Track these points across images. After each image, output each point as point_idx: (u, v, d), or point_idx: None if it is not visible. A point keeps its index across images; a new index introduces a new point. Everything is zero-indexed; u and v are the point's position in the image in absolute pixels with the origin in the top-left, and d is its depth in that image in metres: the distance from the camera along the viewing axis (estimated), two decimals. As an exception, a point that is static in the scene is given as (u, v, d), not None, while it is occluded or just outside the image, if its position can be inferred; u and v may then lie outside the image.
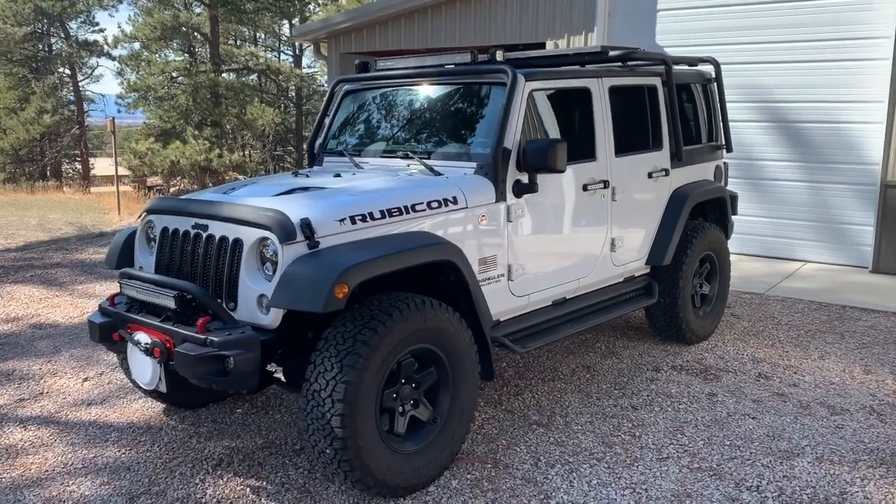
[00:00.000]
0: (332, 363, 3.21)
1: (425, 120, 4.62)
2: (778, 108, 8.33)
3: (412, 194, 3.79)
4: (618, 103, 4.87)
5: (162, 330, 3.48)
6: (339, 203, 3.60)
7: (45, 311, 6.81)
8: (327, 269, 3.19)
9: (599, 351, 5.52)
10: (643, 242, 5.22)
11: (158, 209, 3.95)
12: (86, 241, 10.57)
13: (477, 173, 4.09)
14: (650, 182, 5.17)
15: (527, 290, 4.34)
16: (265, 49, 39.67)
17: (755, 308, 6.68)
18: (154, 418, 4.44)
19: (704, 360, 5.34)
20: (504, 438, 4.12)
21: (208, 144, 29.91)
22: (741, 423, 4.32)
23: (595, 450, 3.99)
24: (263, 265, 3.44)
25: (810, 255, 8.35)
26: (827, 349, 5.58)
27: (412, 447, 3.50)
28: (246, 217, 3.46)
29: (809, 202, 8.31)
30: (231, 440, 4.13)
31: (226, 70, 33.50)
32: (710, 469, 3.79)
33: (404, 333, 3.34)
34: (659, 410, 4.50)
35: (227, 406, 4.57)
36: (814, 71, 8.07)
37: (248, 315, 3.43)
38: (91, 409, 4.62)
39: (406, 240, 3.58)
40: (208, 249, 3.63)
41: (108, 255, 4.20)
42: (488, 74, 4.30)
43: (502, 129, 4.06)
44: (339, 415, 3.16)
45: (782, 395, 4.72)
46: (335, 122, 5.04)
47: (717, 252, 5.77)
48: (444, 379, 3.63)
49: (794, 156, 8.35)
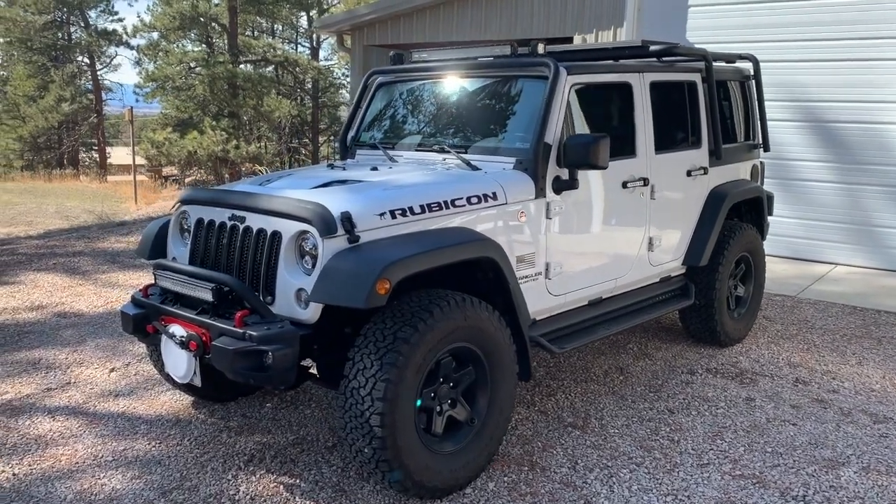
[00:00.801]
0: (372, 360, 3.13)
1: (462, 113, 4.52)
2: (810, 108, 8.17)
3: (451, 189, 3.70)
4: (658, 99, 4.76)
5: (198, 323, 3.41)
6: (379, 197, 3.52)
7: (69, 299, 6.78)
8: (369, 265, 3.11)
9: (632, 352, 5.42)
10: (680, 242, 5.12)
11: (193, 199, 3.89)
12: (107, 230, 10.55)
13: (516, 168, 4.00)
14: (689, 180, 5.06)
15: (564, 289, 4.25)
16: (283, 41, 39.68)
17: (787, 311, 6.56)
18: (183, 411, 4.39)
19: (739, 364, 5.23)
20: (539, 440, 4.04)
21: (225, 135, 29.93)
22: (781, 430, 4.21)
23: (633, 454, 3.90)
24: (302, 259, 3.36)
25: (841, 258, 8.20)
26: (865, 355, 5.45)
27: (450, 447, 3.42)
28: (285, 209, 3.38)
29: (841, 204, 8.16)
30: (262, 435, 4.07)
31: (243, 61, 33.52)
32: (753, 476, 3.69)
33: (444, 331, 3.26)
34: (696, 414, 4.40)
35: (257, 400, 4.51)
36: (849, 70, 7.91)
37: (285, 309, 3.36)
38: (119, 400, 4.57)
39: (447, 236, 3.50)
40: (245, 242, 3.55)
41: (141, 245, 4.14)
42: (529, 67, 4.21)
43: (543, 123, 3.96)
44: (378, 413, 3.09)
45: (822, 402, 4.61)
46: (368, 115, 4.96)
47: (752, 253, 5.65)
48: (481, 378, 3.55)
49: (826, 156, 8.20)
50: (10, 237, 10.20)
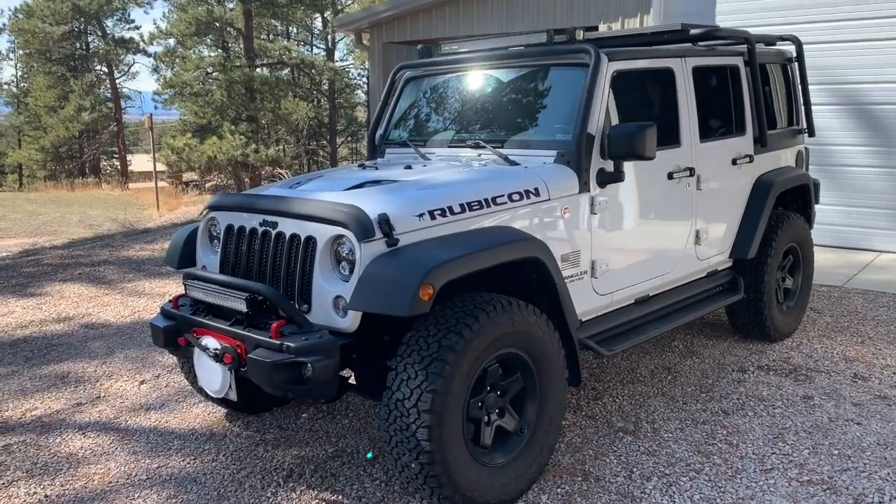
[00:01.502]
0: (417, 370, 2.95)
1: (496, 106, 4.33)
2: (850, 90, 7.88)
3: (491, 186, 3.51)
4: (700, 85, 4.54)
5: (232, 335, 3.25)
6: (416, 197, 3.33)
7: (95, 310, 6.67)
8: (411, 269, 2.92)
9: (678, 350, 5.20)
10: (726, 235, 4.89)
11: (222, 205, 3.73)
12: (131, 238, 10.47)
13: (558, 162, 3.80)
14: (734, 169, 4.83)
15: (610, 287, 4.04)
16: (298, 43, 39.68)
17: (835, 302, 6.29)
18: (216, 424, 4.24)
19: (792, 360, 4.99)
20: (590, 448, 3.84)
21: (244, 139, 29.95)
22: (846, 430, 3.98)
23: (691, 460, 3.69)
24: (339, 264, 3.19)
25: (885, 245, 7.91)
26: (923, 347, 5.20)
27: (501, 459, 3.23)
28: (319, 213, 3.21)
29: (885, 189, 7.87)
30: (300, 448, 3.90)
31: (260, 65, 33.53)
32: (822, 482, 3.46)
33: (491, 338, 3.07)
34: (753, 415, 4.17)
35: (292, 411, 4.35)
36: (885, 49, 7.61)
37: (323, 318, 3.19)
38: (150, 414, 4.43)
39: (490, 236, 3.31)
40: (278, 248, 3.39)
41: (169, 254, 3.99)
42: (568, 55, 4.00)
43: (586, 113, 3.76)
44: (425, 427, 2.91)
45: (885, 399, 4.36)
46: (397, 111, 4.78)
47: (800, 244, 5.40)
48: (530, 386, 3.36)
49: (868, 140, 7.91)
50: (35, 247, 10.16)
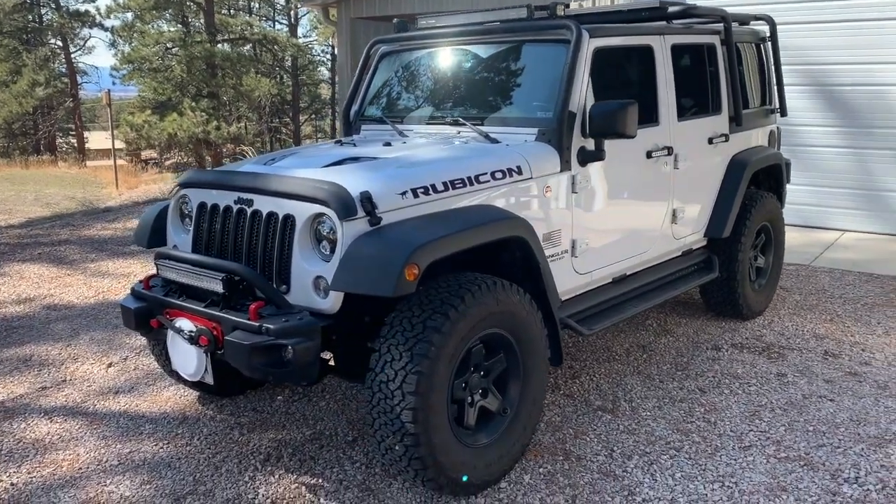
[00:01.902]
0: (401, 352, 2.89)
1: (475, 82, 4.25)
2: (817, 71, 7.95)
3: (474, 164, 3.45)
4: (678, 63, 4.52)
5: (208, 316, 3.15)
6: (399, 175, 3.26)
7: (57, 290, 6.48)
8: (396, 249, 2.86)
9: (652, 329, 5.22)
10: (701, 214, 4.90)
11: (194, 182, 3.60)
12: (92, 217, 10.19)
13: (539, 140, 3.75)
14: (710, 148, 4.83)
15: (590, 266, 4.02)
16: (260, 18, 38.93)
17: (803, 280, 6.38)
18: (189, 408, 4.14)
19: (764, 337, 5.05)
20: (570, 427, 3.83)
21: (206, 116, 29.34)
22: (820, 407, 4.03)
23: (671, 438, 3.70)
24: (319, 244, 3.11)
25: (848, 224, 8.04)
26: (890, 324, 5.29)
27: (485, 440, 3.20)
28: (298, 191, 3.12)
29: (848, 169, 7.98)
30: (276, 432, 3.83)
31: (221, 40, 32.81)
32: (799, 458, 3.50)
33: (476, 318, 3.03)
34: (729, 393, 4.21)
35: (267, 393, 4.26)
36: (856, 30, 7.68)
37: (302, 299, 3.10)
38: (119, 397, 4.31)
39: (475, 215, 3.25)
40: (254, 227, 3.29)
41: (138, 233, 3.86)
42: (548, 31, 3.94)
43: (567, 90, 3.70)
44: (410, 409, 2.86)
45: (856, 375, 4.43)
46: (372, 88, 4.67)
47: (773, 223, 5.45)
48: (513, 366, 3.33)
49: (832, 120, 8.00)
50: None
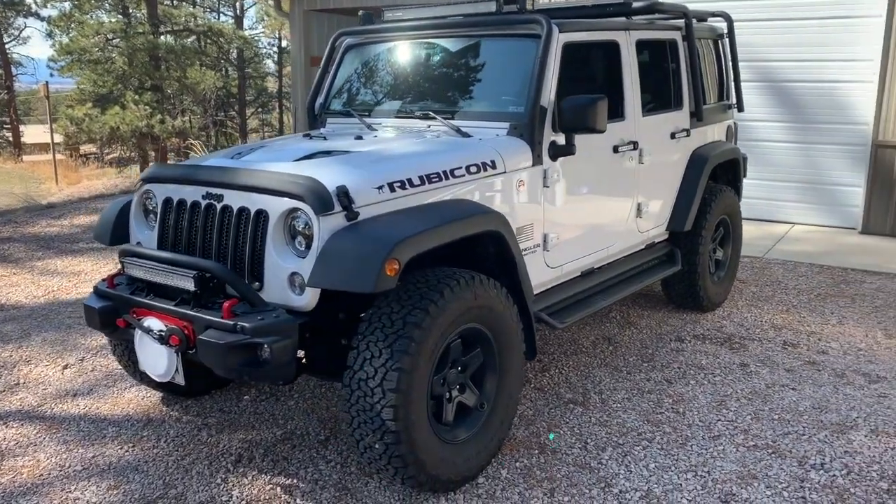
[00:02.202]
0: (381, 348, 2.85)
1: (444, 76, 4.22)
2: (767, 68, 8.14)
3: (449, 158, 3.42)
4: (642, 58, 4.56)
5: (179, 315, 3.06)
6: (374, 169, 3.21)
7: (4, 290, 6.23)
8: (375, 244, 2.82)
9: (616, 321, 5.28)
10: (663, 207, 4.97)
11: (159, 177, 3.49)
12: (35, 214, 9.83)
13: (510, 134, 3.74)
14: (673, 143, 4.90)
15: (561, 260, 4.04)
16: (205, 10, 38.12)
17: (758, 272, 6.54)
18: (153, 409, 4.02)
19: (725, 329, 5.15)
20: (543, 420, 3.84)
21: (149, 110, 28.60)
22: (783, 395, 4.13)
23: (642, 429, 3.75)
24: (294, 239, 3.04)
25: (798, 217, 8.27)
26: (843, 314, 5.45)
27: (463, 435, 3.19)
28: (271, 185, 3.04)
29: (798, 163, 8.20)
30: (246, 432, 3.75)
31: (164, 32, 32.01)
32: (767, 447, 3.58)
33: (456, 313, 3.01)
34: (695, 384, 4.28)
35: (233, 393, 4.17)
36: (804, 28, 7.89)
37: (276, 296, 3.04)
38: (78, 400, 4.16)
39: (453, 209, 3.23)
40: (224, 222, 3.20)
41: (99, 230, 3.72)
42: (518, 25, 3.93)
43: (538, 85, 3.71)
44: (391, 406, 2.82)
45: (814, 364, 4.56)
46: (337, 80, 4.60)
47: (731, 216, 5.56)
48: (490, 360, 3.32)
49: (783, 116, 8.21)
50: (-74, 224, 9.40)
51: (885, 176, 7.65)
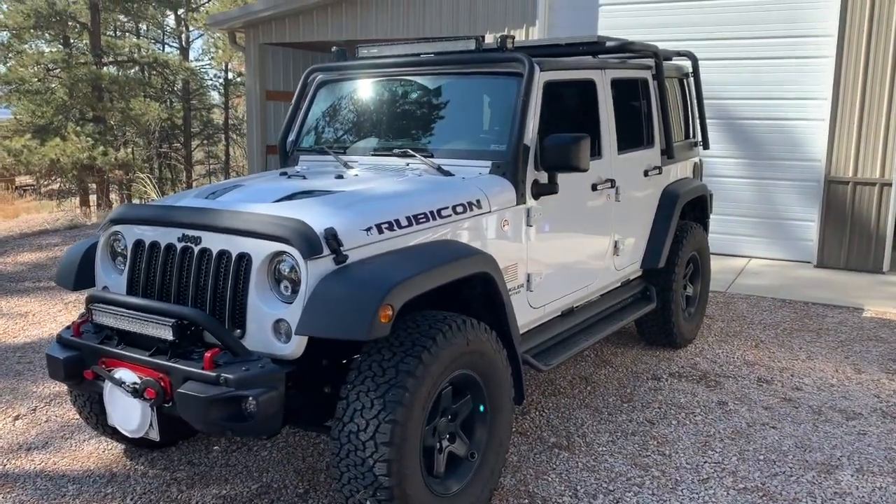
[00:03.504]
0: (373, 399, 2.72)
1: (423, 114, 4.15)
2: (723, 105, 8.32)
3: (435, 198, 3.33)
4: (616, 97, 4.58)
5: (154, 366, 2.87)
6: (361, 210, 3.10)
7: (-56, 334, 5.86)
8: (369, 289, 2.70)
9: (590, 360, 5.22)
10: (637, 244, 4.96)
11: (129, 218, 3.31)
12: (-25, 251, 9.36)
13: (493, 173, 3.68)
14: (646, 180, 4.92)
15: (543, 300, 3.97)
16: (150, 41, 37.57)
17: (723, 307, 6.59)
18: (115, 463, 3.78)
19: (699, 366, 5.14)
20: (529, 467, 3.73)
21: (91, 141, 27.87)
22: (765, 434, 4.11)
23: (631, 474, 3.67)
24: (279, 284, 2.90)
25: (755, 251, 8.42)
26: (811, 349, 5.51)
27: (455, 487, 3.06)
28: (254, 228, 2.90)
29: (754, 199, 8.37)
30: (219, 486, 3.54)
31: (108, 62, 31.40)
32: (757, 489, 3.54)
33: (448, 359, 2.90)
34: (677, 424, 4.23)
35: (202, 444, 3.96)
36: (759, 68, 8.11)
37: (260, 344, 2.88)
38: (33, 455, 3.89)
39: (442, 251, 3.13)
40: (202, 266, 3.04)
41: (62, 273, 3.50)
42: (500, 64, 3.89)
43: (521, 123, 3.66)
44: (384, 461, 2.68)
45: (791, 401, 4.56)
46: (310, 117, 4.48)
47: (700, 252, 5.60)
48: (479, 407, 3.20)
49: (739, 153, 8.38)
50: None
51: (837, 211, 7.85)
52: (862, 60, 7.55)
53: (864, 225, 7.77)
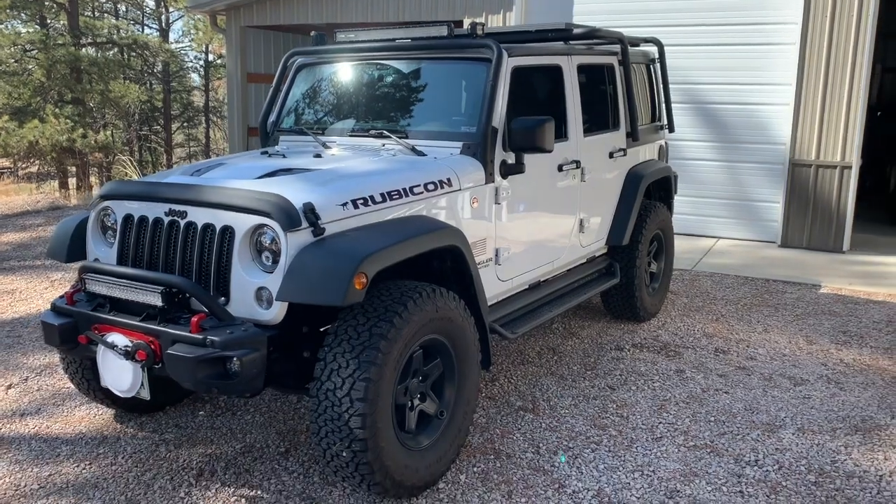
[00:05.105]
0: (348, 360, 2.96)
1: (398, 97, 4.37)
2: (692, 90, 8.59)
3: (408, 176, 3.57)
4: (582, 82, 4.81)
5: (144, 330, 3.09)
6: (338, 186, 3.32)
7: (-66, 310, 6.02)
8: (344, 259, 2.93)
9: (559, 332, 5.50)
10: (603, 223, 5.22)
11: (118, 194, 3.51)
12: (-42, 231, 9.46)
13: (464, 153, 3.91)
14: (611, 162, 5.17)
15: (511, 274, 4.23)
16: (129, 22, 37.25)
17: (688, 284, 6.89)
18: (106, 427, 4.00)
19: (661, 338, 5.43)
20: (496, 427, 4.00)
21: (70, 124, 27.73)
22: (717, 399, 4.41)
23: (590, 433, 3.95)
24: (260, 255, 3.12)
25: (723, 232, 8.72)
26: (768, 322, 5.81)
27: (425, 442, 3.32)
28: (238, 202, 3.12)
29: (722, 181, 8.67)
30: (205, 447, 3.78)
31: (86, 44, 31.16)
32: (706, 446, 3.83)
33: (419, 324, 3.14)
34: (636, 390, 4.52)
35: (188, 408, 4.18)
36: (727, 54, 8.38)
37: (243, 310, 3.11)
38: (27, 420, 4.10)
39: (414, 225, 3.37)
40: (188, 239, 3.26)
41: (54, 247, 3.70)
42: (470, 49, 4.12)
43: (490, 106, 3.89)
44: (359, 415, 2.93)
45: (744, 369, 4.86)
46: (290, 99, 4.69)
47: (664, 231, 5.87)
48: (448, 370, 3.46)
49: (707, 136, 8.67)
50: None
51: (801, 192, 8.16)
52: (825, 48, 7.84)
53: (826, 206, 8.09)
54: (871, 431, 4.01)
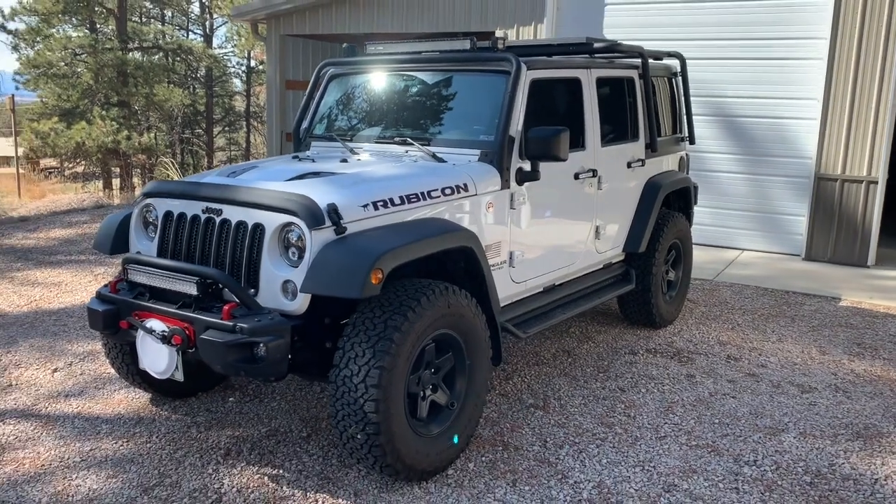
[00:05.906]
0: (364, 349, 3.20)
1: (421, 106, 4.61)
2: (720, 103, 8.71)
3: (426, 181, 3.80)
4: (601, 94, 5.01)
5: (180, 317, 3.37)
6: (360, 189, 3.57)
7: (-14, 299, 6.42)
8: (362, 255, 3.17)
9: (575, 336, 5.68)
10: (620, 230, 5.40)
11: (160, 192, 3.81)
12: (9, 227, 9.95)
13: (481, 161, 4.13)
14: (629, 172, 5.35)
15: (525, 276, 4.43)
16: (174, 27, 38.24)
17: (708, 294, 7.01)
18: (143, 409, 4.29)
19: (675, 344, 5.58)
20: (507, 422, 4.20)
21: (116, 126, 28.58)
22: (724, 403, 4.55)
23: (596, 430, 4.13)
24: (287, 250, 3.38)
25: (747, 244, 8.80)
26: (783, 332, 5.92)
27: (436, 430, 3.53)
28: (268, 202, 3.39)
29: (748, 193, 8.75)
30: (233, 429, 4.04)
31: (133, 48, 32.09)
32: (707, 446, 3.99)
33: (431, 319, 3.37)
34: (646, 392, 4.68)
35: (219, 395, 4.46)
36: (755, 68, 8.49)
37: (270, 301, 3.37)
38: (71, 400, 4.42)
39: (430, 226, 3.60)
40: (222, 234, 3.53)
41: (100, 240, 4.02)
42: (491, 62, 4.34)
43: (507, 116, 4.11)
44: (373, 400, 3.16)
45: (754, 376, 4.99)
46: (322, 107, 4.96)
47: (682, 240, 6.02)
48: (460, 364, 3.68)
49: (734, 149, 8.77)
50: None
51: (826, 206, 8.22)
52: (853, 63, 7.91)
53: (851, 220, 8.14)
54: (872, 438, 4.13)
